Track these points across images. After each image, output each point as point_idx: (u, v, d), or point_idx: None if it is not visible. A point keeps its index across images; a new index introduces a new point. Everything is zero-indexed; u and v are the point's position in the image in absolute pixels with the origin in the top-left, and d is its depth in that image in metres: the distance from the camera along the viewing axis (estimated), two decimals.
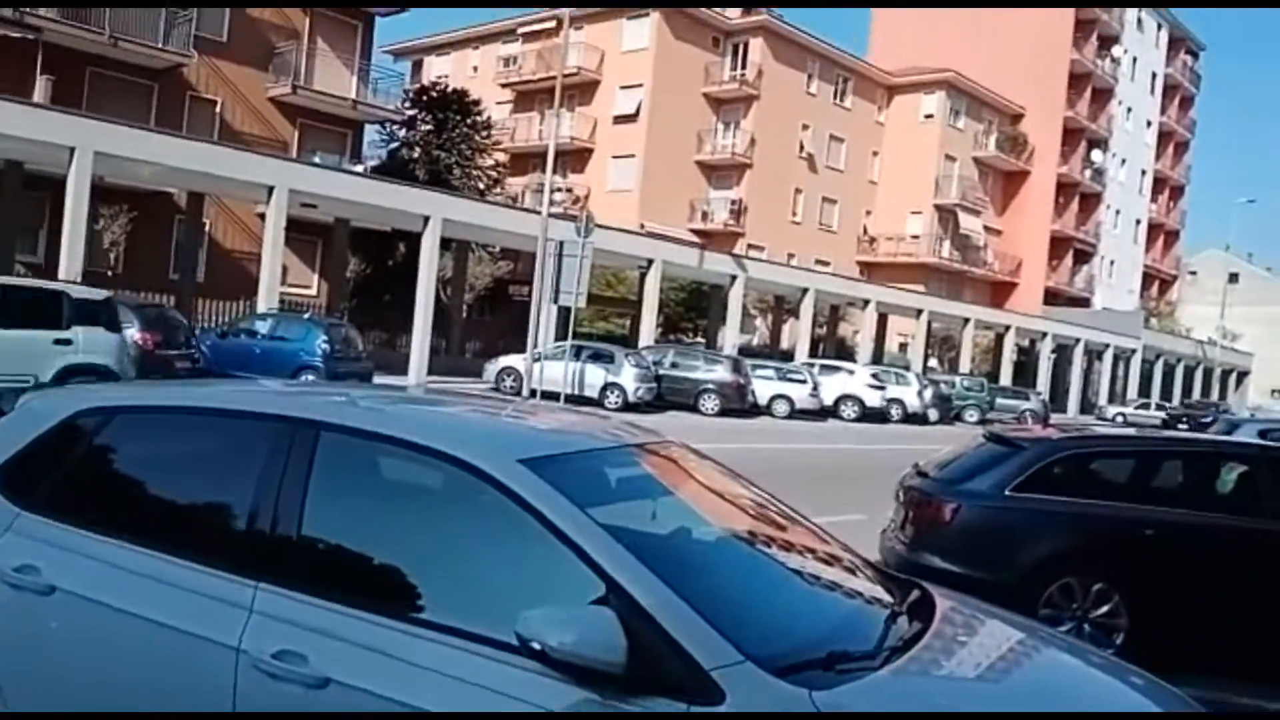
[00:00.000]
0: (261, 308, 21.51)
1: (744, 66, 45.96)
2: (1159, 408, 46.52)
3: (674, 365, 25.63)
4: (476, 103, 35.20)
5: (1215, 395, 60.86)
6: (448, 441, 2.66)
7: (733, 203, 45.82)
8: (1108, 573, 6.12)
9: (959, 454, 7.30)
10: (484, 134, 35.12)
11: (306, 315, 21.02)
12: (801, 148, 48.17)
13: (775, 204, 46.71)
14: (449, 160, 33.15)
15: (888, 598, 2.97)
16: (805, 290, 34.82)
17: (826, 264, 44.99)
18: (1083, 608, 6.10)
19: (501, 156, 41.06)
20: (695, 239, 38.51)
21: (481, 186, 34.36)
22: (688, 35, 44.72)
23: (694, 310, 39.53)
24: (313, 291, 29.57)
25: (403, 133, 34.33)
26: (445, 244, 27.41)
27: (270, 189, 21.81)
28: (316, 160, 26.62)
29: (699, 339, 37.80)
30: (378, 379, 18.93)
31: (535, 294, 21.72)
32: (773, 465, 15.24)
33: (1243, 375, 65.54)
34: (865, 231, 52.70)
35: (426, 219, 24.21)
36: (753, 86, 45.45)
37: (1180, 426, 33.56)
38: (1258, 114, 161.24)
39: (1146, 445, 7.19)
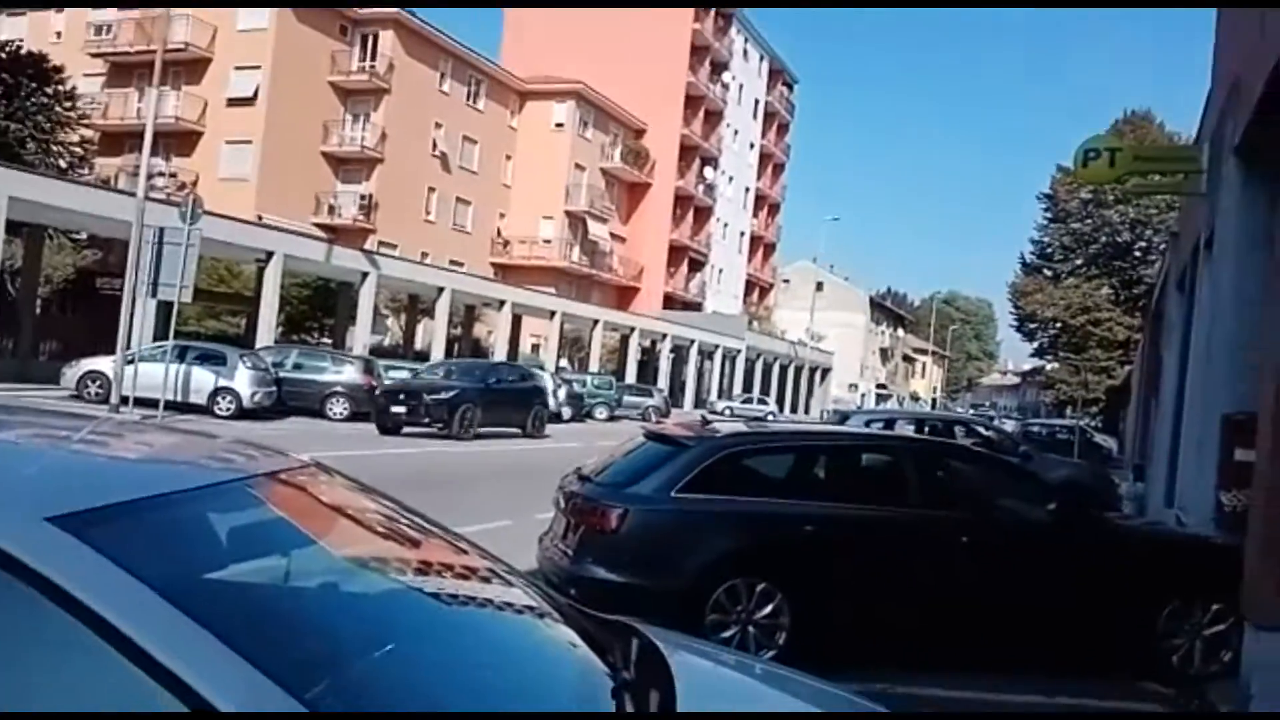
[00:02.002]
0: None
1: (374, 58, 43.98)
2: (760, 402, 51.12)
3: (297, 367, 23.57)
4: (58, 70, 30.43)
5: (804, 390, 68.24)
6: None
7: (363, 198, 43.71)
8: (771, 572, 5.99)
9: (620, 455, 6.92)
10: (67, 106, 30.44)
11: None
12: (435, 146, 47.11)
13: (408, 201, 45.25)
14: (22, 133, 28.29)
15: (606, 655, 2.30)
16: (441, 290, 33.84)
17: (461, 264, 44.28)
18: (747, 610, 5.92)
19: (90, 133, 35.86)
20: (321, 234, 36.08)
21: (64, 164, 29.76)
22: (312, 19, 41.94)
23: (320, 309, 37.04)
24: None
25: None
26: (14, 229, 23.15)
27: None
28: None
29: (326, 339, 35.47)
30: None
31: (129, 287, 18.85)
32: (413, 471, 14.28)
33: (826, 372, 74.08)
34: (499, 234, 52.76)
35: None
36: (383, 80, 43.64)
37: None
38: (840, 144, 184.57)
39: (805, 440, 7.27)
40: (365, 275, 30.42)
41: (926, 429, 15.08)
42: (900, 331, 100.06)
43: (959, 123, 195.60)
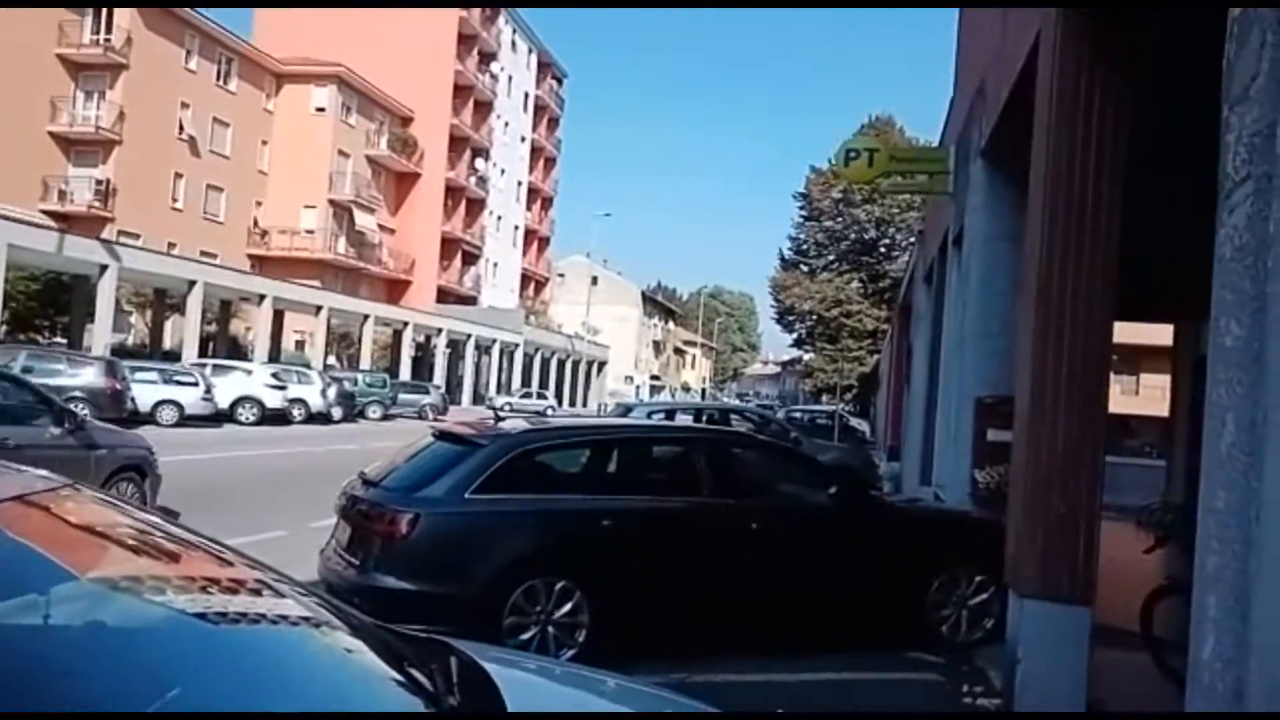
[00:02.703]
0: None
1: (109, 30, 40.13)
2: (539, 397, 51.14)
3: (26, 370, 21.12)
4: None
5: (582, 384, 68.88)
6: None
7: (99, 183, 39.80)
8: (569, 570, 5.91)
9: (406, 456, 6.61)
10: None
11: None
12: (181, 128, 43.63)
13: (152, 188, 41.66)
14: None
15: (422, 679, 2.10)
16: (193, 283, 31.43)
17: (214, 256, 41.29)
18: (546, 610, 5.81)
19: None
20: (50, 222, 32.56)
21: None
22: None
23: (52, 306, 33.52)
24: None
25: None
26: None
27: None
28: None
29: (60, 339, 32.14)
30: None
31: None
32: (172, 484, 13.09)
33: (603, 365, 75.08)
34: (256, 224, 49.68)
35: None
36: (120, 54, 39.90)
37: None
38: (610, 140, 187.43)
39: (598, 435, 7.19)
40: (104, 268, 27.76)
41: (705, 418, 15.53)
42: (671, 325, 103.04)
43: (723, 123, 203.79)
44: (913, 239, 33.63)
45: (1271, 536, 1.98)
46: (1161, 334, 18.42)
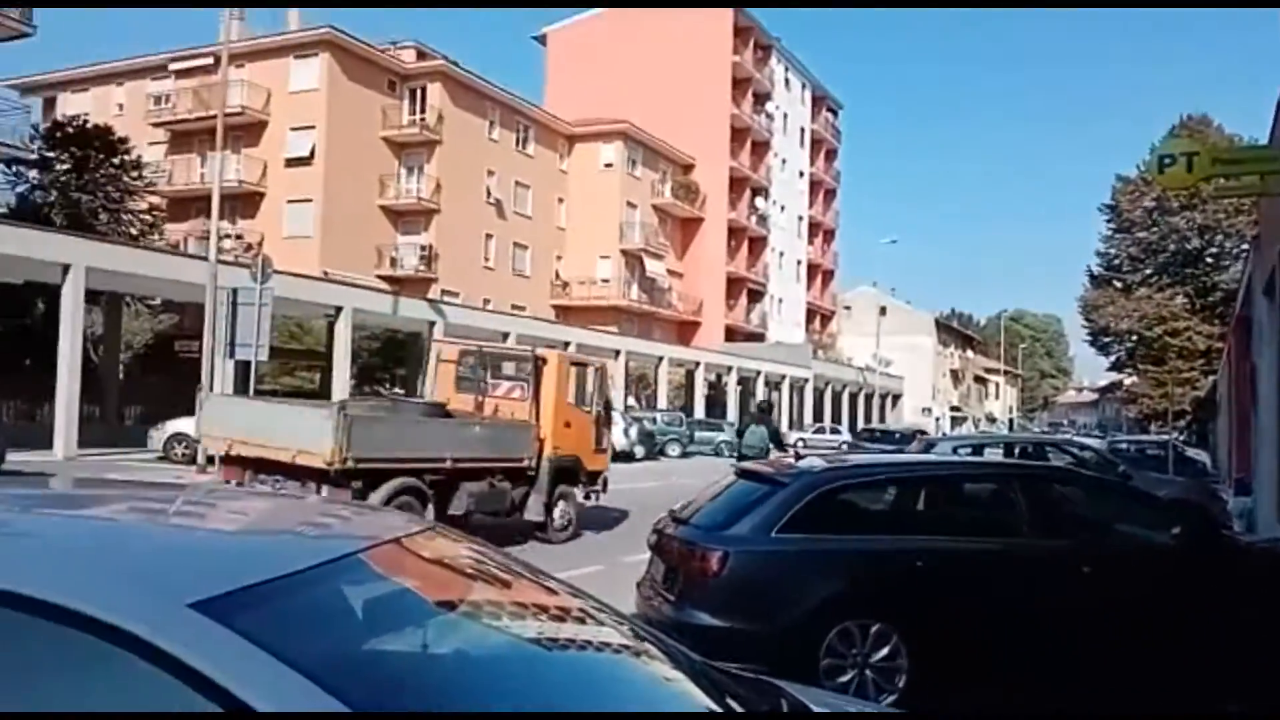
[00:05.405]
0: None
1: (423, 110, 44.78)
2: (833, 432, 50.35)
3: None
4: (123, 141, 31.42)
5: (875, 417, 67.11)
6: (42, 580, 1.44)
7: (423, 249, 44.30)
8: (884, 612, 5.70)
9: (711, 495, 6.71)
10: (134, 175, 31.43)
11: None
12: (489, 193, 47.67)
13: (466, 250, 45.77)
14: (93, 203, 29.23)
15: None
16: (507, 335, 34.02)
17: (522, 308, 44.57)
18: (863, 653, 5.64)
19: (157, 200, 36.98)
20: (385, 286, 36.62)
21: (135, 232, 30.60)
22: (361, 77, 42.84)
23: (392, 360, 37.53)
24: None
25: (34, 174, 29.80)
26: (93, 297, 23.81)
27: None
28: None
29: (398, 390, 35.86)
30: (16, 456, 15.99)
31: (207, 348, 19.21)
32: None
33: (897, 397, 72.89)
34: (558, 276, 53.05)
35: (67, 268, 20.72)
36: (434, 131, 44.37)
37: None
38: (890, 168, 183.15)
39: (905, 472, 6.96)
40: (432, 324, 30.75)
41: (1017, 452, 14.54)
42: (969, 352, 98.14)
43: (1007, 141, 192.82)
44: (1245, 246, 29.98)
45: None
46: None
